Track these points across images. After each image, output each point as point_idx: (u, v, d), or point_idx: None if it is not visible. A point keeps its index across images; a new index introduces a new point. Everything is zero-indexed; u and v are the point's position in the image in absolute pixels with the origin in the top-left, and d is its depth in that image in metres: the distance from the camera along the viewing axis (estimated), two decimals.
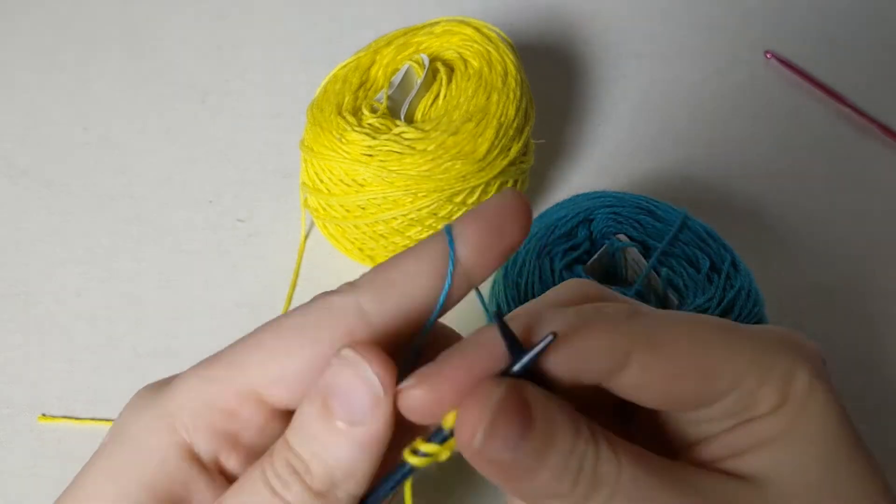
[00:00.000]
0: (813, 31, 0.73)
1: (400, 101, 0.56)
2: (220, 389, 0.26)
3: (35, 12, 0.76)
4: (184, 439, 0.25)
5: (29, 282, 0.57)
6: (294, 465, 0.25)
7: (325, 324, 0.25)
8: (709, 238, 0.48)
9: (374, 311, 0.25)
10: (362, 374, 0.24)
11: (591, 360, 0.25)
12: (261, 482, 0.25)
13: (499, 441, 0.23)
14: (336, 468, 0.25)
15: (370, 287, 0.26)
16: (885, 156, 0.64)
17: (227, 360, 0.26)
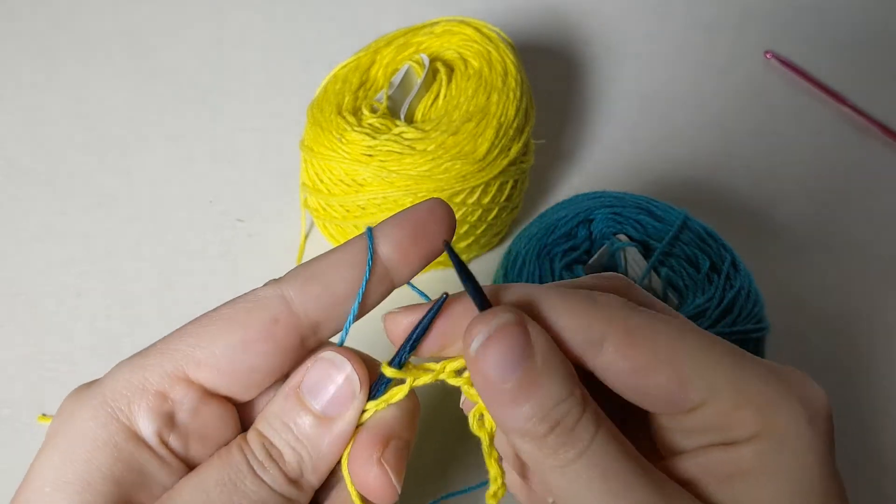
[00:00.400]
0: (813, 31, 0.73)
1: (400, 101, 0.56)
2: (151, 374, 0.27)
3: (36, 13, 0.76)
4: (125, 424, 0.27)
5: (29, 282, 0.57)
6: (270, 451, 0.27)
7: (250, 312, 0.27)
8: (709, 238, 0.48)
9: (298, 299, 0.28)
10: (344, 371, 0.28)
11: (567, 332, 0.26)
12: (242, 460, 0.27)
13: (493, 355, 0.25)
14: (309, 458, 0.27)
15: (293, 279, 0.28)
16: (885, 156, 0.64)
17: (158, 348, 0.28)
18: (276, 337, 0.28)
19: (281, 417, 0.28)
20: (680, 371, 0.26)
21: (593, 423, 0.26)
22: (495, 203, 0.54)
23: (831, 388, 0.51)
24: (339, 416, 0.28)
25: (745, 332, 0.44)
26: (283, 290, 0.28)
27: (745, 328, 0.44)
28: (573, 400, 0.26)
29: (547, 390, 0.26)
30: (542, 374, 0.26)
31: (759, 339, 0.45)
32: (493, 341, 0.26)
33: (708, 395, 0.26)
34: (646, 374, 0.26)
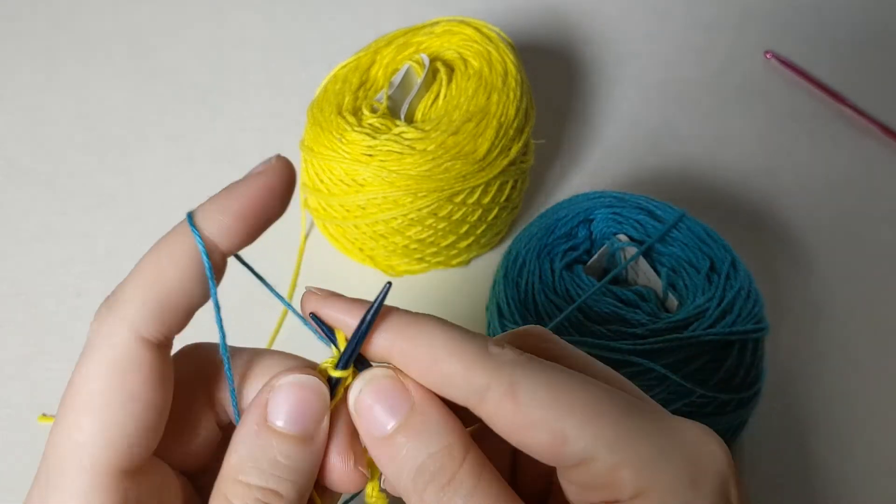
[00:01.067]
0: (813, 31, 0.73)
1: (400, 101, 0.56)
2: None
3: (36, 13, 0.76)
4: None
5: (29, 282, 0.57)
6: (263, 499, 0.26)
7: (115, 374, 0.26)
8: (709, 238, 0.48)
9: (151, 331, 0.26)
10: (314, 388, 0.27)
11: (454, 378, 0.26)
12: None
13: (367, 409, 0.26)
14: (303, 479, 0.27)
15: (139, 308, 0.27)
16: (885, 156, 0.64)
17: (54, 476, 0.28)
18: (147, 386, 0.26)
19: (265, 456, 0.27)
20: (560, 429, 0.25)
21: (472, 476, 0.26)
22: (495, 203, 0.54)
23: (831, 388, 0.52)
24: (317, 430, 0.27)
25: (745, 332, 0.44)
26: (134, 328, 0.26)
27: (745, 328, 0.44)
28: (449, 451, 0.26)
29: (419, 441, 0.26)
30: (415, 424, 0.26)
31: (759, 339, 0.45)
32: (367, 394, 0.27)
33: (588, 454, 0.25)
34: (526, 430, 0.26)
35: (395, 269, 0.57)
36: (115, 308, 0.27)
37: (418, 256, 0.55)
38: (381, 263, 0.56)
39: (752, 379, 0.45)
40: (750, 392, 0.45)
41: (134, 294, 0.27)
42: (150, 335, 0.26)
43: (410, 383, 0.27)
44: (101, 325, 0.27)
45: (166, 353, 0.27)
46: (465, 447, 0.26)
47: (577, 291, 0.46)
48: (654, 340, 0.42)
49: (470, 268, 0.58)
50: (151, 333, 0.26)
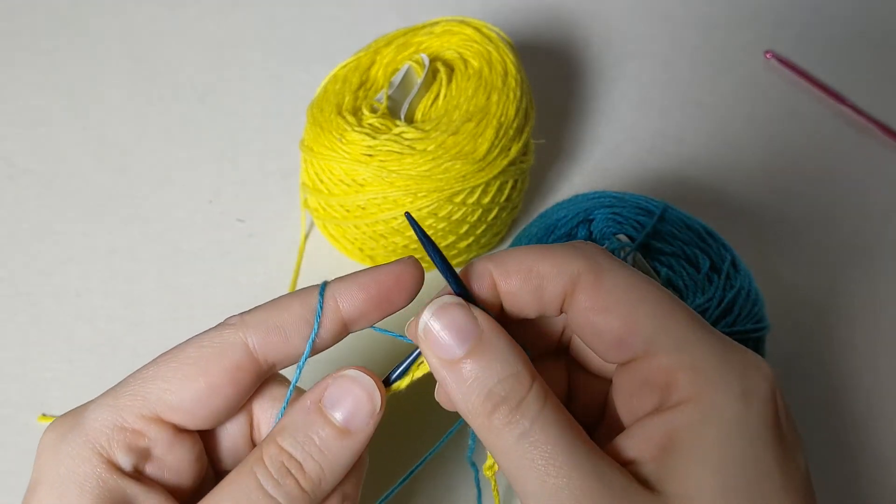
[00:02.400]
0: (813, 31, 0.73)
1: (400, 101, 0.56)
2: (127, 414, 0.30)
3: (35, 12, 0.76)
4: (106, 456, 0.29)
5: (29, 282, 0.57)
6: (287, 466, 0.29)
7: (216, 359, 0.30)
8: (709, 238, 0.48)
9: (259, 348, 0.30)
10: (367, 389, 0.30)
11: (547, 278, 0.29)
12: (253, 484, 0.28)
13: (435, 335, 0.28)
14: (329, 470, 0.29)
15: (257, 327, 0.31)
16: (885, 156, 0.64)
17: (131, 389, 0.30)
18: (238, 381, 0.30)
19: (303, 430, 0.30)
20: (633, 318, 0.28)
21: (538, 400, 0.27)
22: (495, 203, 0.54)
23: (831, 388, 0.52)
24: (360, 430, 0.30)
25: (745, 332, 0.44)
26: (246, 337, 0.30)
27: (745, 328, 0.44)
28: (516, 378, 0.28)
29: (488, 367, 0.28)
30: (484, 352, 0.28)
31: (759, 339, 0.45)
32: (435, 320, 0.29)
33: (651, 347, 0.27)
34: (603, 312, 0.28)
35: None
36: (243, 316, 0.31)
37: (419, 256, 0.55)
38: (380, 263, 0.56)
39: None
40: None
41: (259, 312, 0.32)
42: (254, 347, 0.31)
43: (479, 314, 0.29)
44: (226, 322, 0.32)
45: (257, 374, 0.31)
46: (531, 374, 0.28)
47: None
48: None
49: None
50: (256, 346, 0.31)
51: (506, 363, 0.28)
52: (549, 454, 0.26)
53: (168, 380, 0.30)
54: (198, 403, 0.30)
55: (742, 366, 0.27)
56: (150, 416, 0.30)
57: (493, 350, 0.28)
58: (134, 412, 0.30)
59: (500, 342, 0.28)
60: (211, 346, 0.30)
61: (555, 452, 0.26)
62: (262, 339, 0.30)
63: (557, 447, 0.27)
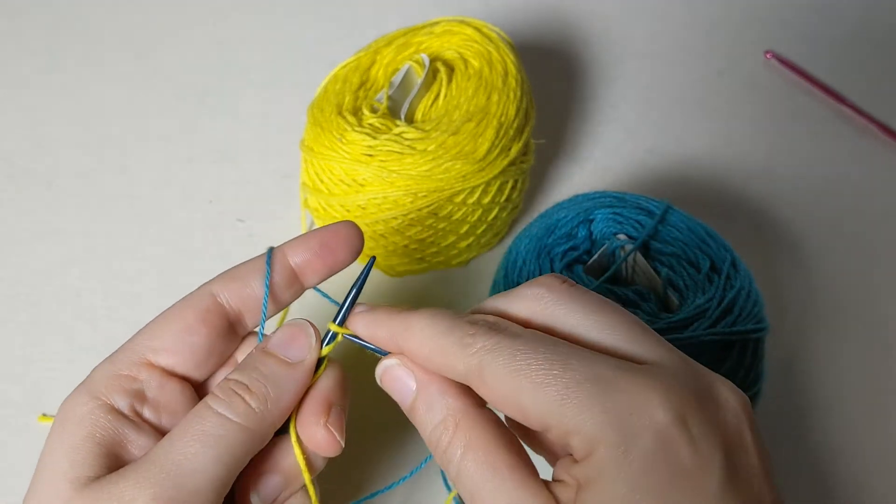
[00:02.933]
0: (813, 31, 0.73)
1: (400, 101, 0.56)
2: (120, 363, 0.35)
3: (35, 12, 0.76)
4: (104, 401, 0.34)
5: (29, 282, 0.57)
6: (234, 389, 0.33)
7: (187, 306, 0.36)
8: (709, 238, 0.48)
9: (222, 294, 0.36)
10: (304, 328, 0.36)
11: (443, 371, 0.33)
12: (203, 408, 0.33)
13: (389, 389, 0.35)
14: (274, 391, 0.34)
15: (219, 278, 0.37)
16: (885, 156, 0.64)
17: (124, 345, 0.36)
18: (209, 321, 0.35)
19: (249, 363, 0.35)
20: (519, 406, 0.30)
21: (459, 447, 0.31)
22: (495, 203, 0.54)
23: (831, 388, 0.52)
24: (300, 361, 0.35)
25: (745, 332, 0.44)
26: (210, 287, 0.36)
27: (745, 328, 0.44)
28: (442, 425, 0.32)
29: (425, 416, 0.33)
30: (420, 403, 0.33)
31: (759, 339, 0.45)
32: (385, 379, 0.35)
33: (543, 425, 0.30)
34: (500, 405, 0.31)
35: (395, 269, 0.57)
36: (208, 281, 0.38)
37: (418, 256, 0.55)
38: (381, 263, 0.56)
39: (753, 379, 0.45)
40: (750, 392, 0.45)
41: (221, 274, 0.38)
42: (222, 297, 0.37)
43: (414, 367, 0.34)
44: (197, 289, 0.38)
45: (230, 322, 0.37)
46: (455, 419, 0.32)
47: None
48: None
49: (470, 268, 0.58)
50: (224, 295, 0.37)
51: (435, 411, 0.33)
52: (473, 489, 0.31)
53: (152, 329, 0.36)
54: (178, 343, 0.35)
55: (624, 413, 0.29)
56: (140, 361, 0.35)
57: (425, 400, 0.33)
58: (126, 361, 0.35)
59: (431, 391, 0.33)
60: (182, 299, 0.36)
61: (476, 487, 0.31)
62: (222, 286, 0.36)
63: (477, 483, 0.31)
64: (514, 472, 0.30)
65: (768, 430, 0.49)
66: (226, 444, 0.32)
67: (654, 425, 0.28)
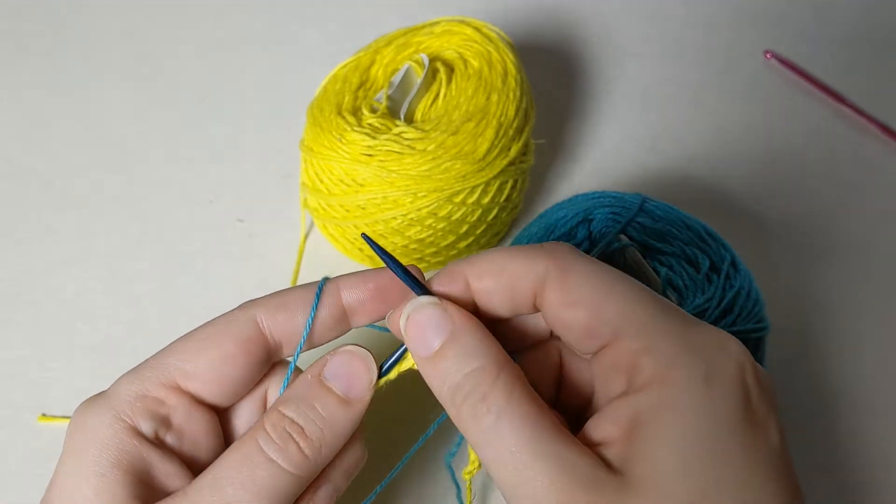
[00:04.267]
0: (813, 31, 0.73)
1: (400, 101, 0.56)
2: (149, 384, 0.32)
3: (35, 13, 0.76)
4: (129, 423, 0.31)
5: (29, 282, 0.57)
6: (290, 431, 0.31)
7: (228, 332, 0.32)
8: (709, 238, 0.48)
9: (267, 322, 0.33)
10: (365, 361, 0.33)
11: (517, 278, 0.31)
12: (255, 448, 0.30)
13: (412, 332, 0.31)
14: (330, 435, 0.31)
15: (265, 304, 0.33)
16: (885, 156, 0.64)
17: (152, 363, 0.33)
18: (249, 352, 0.33)
19: (305, 399, 0.32)
20: (599, 309, 0.29)
21: (503, 394, 0.28)
22: (495, 203, 0.54)
23: (831, 388, 0.52)
24: (358, 399, 0.32)
25: (745, 332, 0.44)
26: (255, 313, 0.33)
27: (745, 328, 0.44)
28: (482, 371, 0.29)
29: (457, 361, 0.30)
30: (454, 346, 0.30)
31: (759, 339, 0.45)
32: (412, 318, 0.31)
33: (617, 334, 0.28)
34: (571, 307, 0.30)
35: None
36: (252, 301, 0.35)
37: (418, 256, 0.55)
38: (380, 263, 0.56)
39: None
40: None
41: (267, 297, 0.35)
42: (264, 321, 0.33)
43: (453, 310, 0.31)
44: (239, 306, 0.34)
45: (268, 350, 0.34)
46: (498, 367, 0.29)
47: None
48: None
49: None
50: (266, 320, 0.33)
51: (473, 357, 0.29)
52: (514, 446, 0.28)
53: (185, 351, 0.33)
54: (212, 372, 0.32)
55: (707, 347, 0.28)
56: (170, 384, 0.32)
57: (463, 345, 0.30)
58: (155, 381, 0.32)
59: (470, 337, 0.30)
60: (223, 322, 0.33)
61: (519, 444, 0.27)
62: (268, 315, 0.33)
63: (522, 439, 0.28)
64: (561, 431, 0.28)
65: None
66: (275, 494, 0.30)
67: (736, 365, 0.28)
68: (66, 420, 0.50)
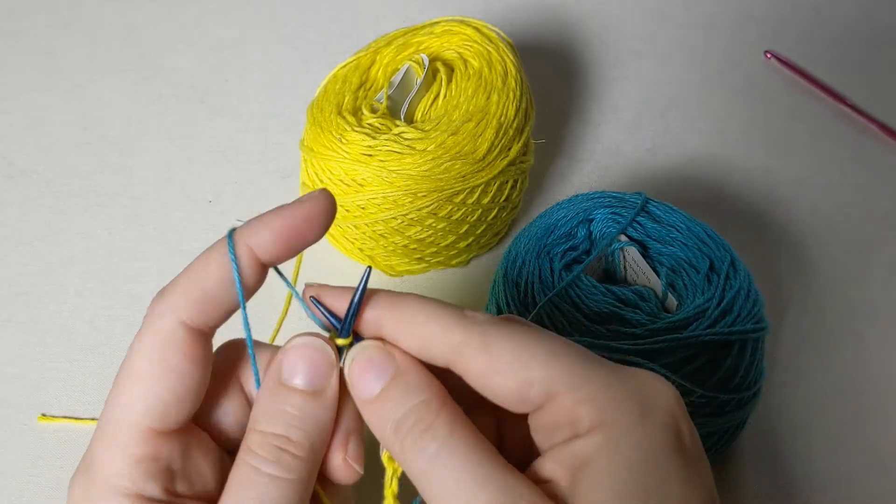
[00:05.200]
0: (813, 31, 0.73)
1: (400, 101, 0.56)
2: (132, 446, 0.30)
3: (35, 13, 0.76)
4: (137, 493, 0.30)
5: (29, 282, 0.57)
6: (276, 444, 0.30)
7: (162, 356, 0.30)
8: (708, 238, 0.48)
9: (197, 323, 0.31)
10: (317, 348, 0.31)
11: (434, 338, 0.30)
12: (251, 472, 0.29)
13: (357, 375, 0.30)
14: (312, 429, 0.30)
15: (188, 305, 0.31)
16: (885, 156, 0.64)
17: (112, 419, 0.31)
18: (193, 358, 0.30)
19: (274, 408, 0.31)
20: (526, 374, 0.29)
21: (446, 425, 0.29)
22: (495, 203, 0.54)
23: (832, 389, 0.52)
24: (326, 387, 0.31)
25: (744, 332, 0.44)
26: (176, 314, 0.30)
27: (744, 328, 0.44)
28: (426, 405, 0.29)
29: (401, 399, 0.30)
30: (398, 386, 0.30)
31: (759, 339, 0.45)
32: (356, 365, 0.31)
33: (550, 395, 0.29)
34: (497, 377, 0.29)
35: (395, 269, 0.57)
36: (165, 297, 0.31)
37: (418, 256, 0.55)
38: (380, 263, 0.56)
39: (752, 379, 0.45)
40: (750, 392, 0.45)
41: (181, 287, 0.31)
42: (191, 321, 0.30)
43: (396, 352, 0.31)
44: (152, 310, 0.31)
45: (206, 340, 0.31)
46: (441, 401, 0.30)
47: (575, 292, 0.46)
48: (654, 340, 0.42)
49: (470, 268, 0.58)
50: (192, 320, 0.30)
51: (416, 392, 0.30)
52: (459, 475, 0.28)
53: (129, 394, 0.30)
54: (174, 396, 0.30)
55: (640, 388, 0.29)
56: (145, 432, 0.30)
57: (406, 382, 0.30)
58: (130, 439, 0.30)
59: (414, 375, 0.30)
60: (152, 347, 0.30)
61: (465, 472, 0.28)
62: (194, 314, 0.30)
63: (467, 467, 0.28)
64: (502, 462, 0.29)
65: (768, 429, 0.49)
66: (290, 502, 0.29)
67: (666, 404, 0.29)
68: (67, 420, 0.51)
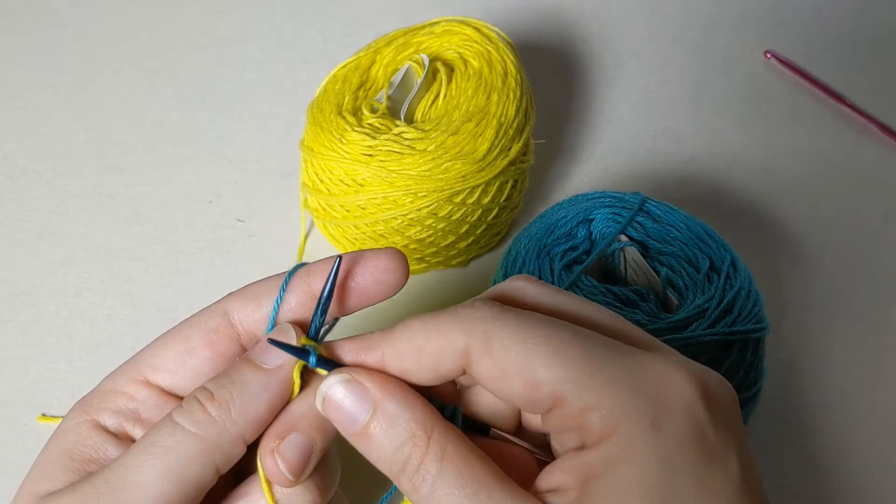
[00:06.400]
0: (813, 31, 0.73)
1: (400, 101, 0.56)
2: (119, 380, 0.33)
3: (35, 12, 0.76)
4: (92, 417, 0.32)
5: (29, 282, 0.57)
6: (199, 398, 0.30)
7: (195, 325, 0.33)
8: (708, 238, 0.48)
9: (236, 314, 0.33)
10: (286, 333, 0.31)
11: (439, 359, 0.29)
12: (164, 419, 0.30)
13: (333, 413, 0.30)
14: (239, 393, 0.30)
15: (234, 296, 0.33)
16: (885, 156, 0.64)
17: (128, 361, 0.34)
18: (215, 344, 0.32)
19: (224, 372, 0.31)
20: (531, 376, 0.28)
21: (436, 460, 0.28)
22: (495, 203, 0.54)
23: (832, 389, 0.52)
24: (277, 367, 0.31)
25: (745, 332, 0.44)
26: (226, 304, 0.33)
27: (745, 328, 0.44)
28: (412, 441, 0.28)
29: (387, 434, 0.29)
30: (380, 420, 0.29)
31: (759, 339, 0.45)
32: (327, 402, 0.30)
33: (557, 398, 0.27)
34: (502, 380, 0.28)
35: None
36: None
37: (418, 256, 0.55)
38: None
39: (753, 379, 0.45)
40: (750, 392, 0.45)
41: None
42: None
43: (368, 381, 0.29)
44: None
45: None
46: (426, 432, 0.29)
47: (576, 292, 0.46)
48: None
49: (470, 268, 0.58)
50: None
51: (401, 428, 0.29)
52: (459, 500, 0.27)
53: (155, 347, 0.33)
54: (177, 364, 0.33)
55: (652, 386, 0.27)
56: (139, 378, 0.33)
57: (388, 416, 0.29)
58: (126, 377, 0.33)
59: (394, 406, 0.29)
60: (195, 316, 0.33)
61: (462, 500, 0.27)
62: (238, 306, 0.33)
63: (462, 495, 0.27)
64: (501, 482, 0.28)
65: (768, 429, 0.49)
66: (176, 456, 0.29)
67: (683, 401, 0.27)
68: None
